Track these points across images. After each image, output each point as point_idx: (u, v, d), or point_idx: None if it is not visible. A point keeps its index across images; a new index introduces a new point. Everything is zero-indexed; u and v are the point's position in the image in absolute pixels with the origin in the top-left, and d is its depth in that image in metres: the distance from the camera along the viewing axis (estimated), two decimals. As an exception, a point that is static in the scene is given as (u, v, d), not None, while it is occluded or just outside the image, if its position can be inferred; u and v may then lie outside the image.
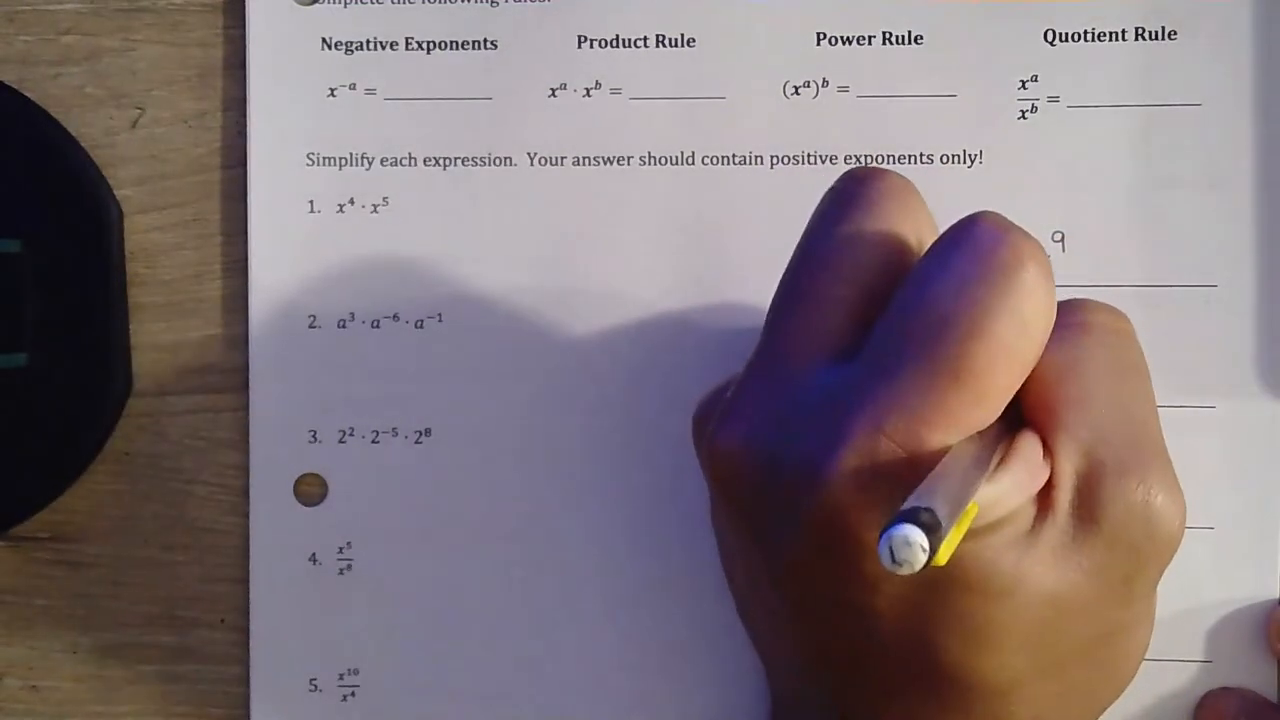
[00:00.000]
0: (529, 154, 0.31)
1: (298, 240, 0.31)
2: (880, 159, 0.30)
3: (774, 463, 0.23)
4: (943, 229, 0.30)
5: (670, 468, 0.30)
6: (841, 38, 0.30)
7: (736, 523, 0.25)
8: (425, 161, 0.31)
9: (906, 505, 0.18)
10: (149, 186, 0.31)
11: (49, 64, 0.31)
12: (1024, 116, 0.30)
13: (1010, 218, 0.30)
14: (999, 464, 0.22)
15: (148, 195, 0.31)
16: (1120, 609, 0.24)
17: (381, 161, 0.31)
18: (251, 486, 0.31)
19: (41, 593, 0.32)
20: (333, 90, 0.31)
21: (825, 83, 0.30)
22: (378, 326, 0.31)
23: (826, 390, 0.23)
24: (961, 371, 0.22)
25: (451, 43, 0.31)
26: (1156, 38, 0.30)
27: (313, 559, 0.31)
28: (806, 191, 0.30)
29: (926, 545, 0.18)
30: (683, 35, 0.30)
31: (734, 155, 0.30)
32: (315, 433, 0.31)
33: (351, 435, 0.31)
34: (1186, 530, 0.28)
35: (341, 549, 0.31)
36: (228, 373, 0.31)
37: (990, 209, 0.23)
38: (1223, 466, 0.30)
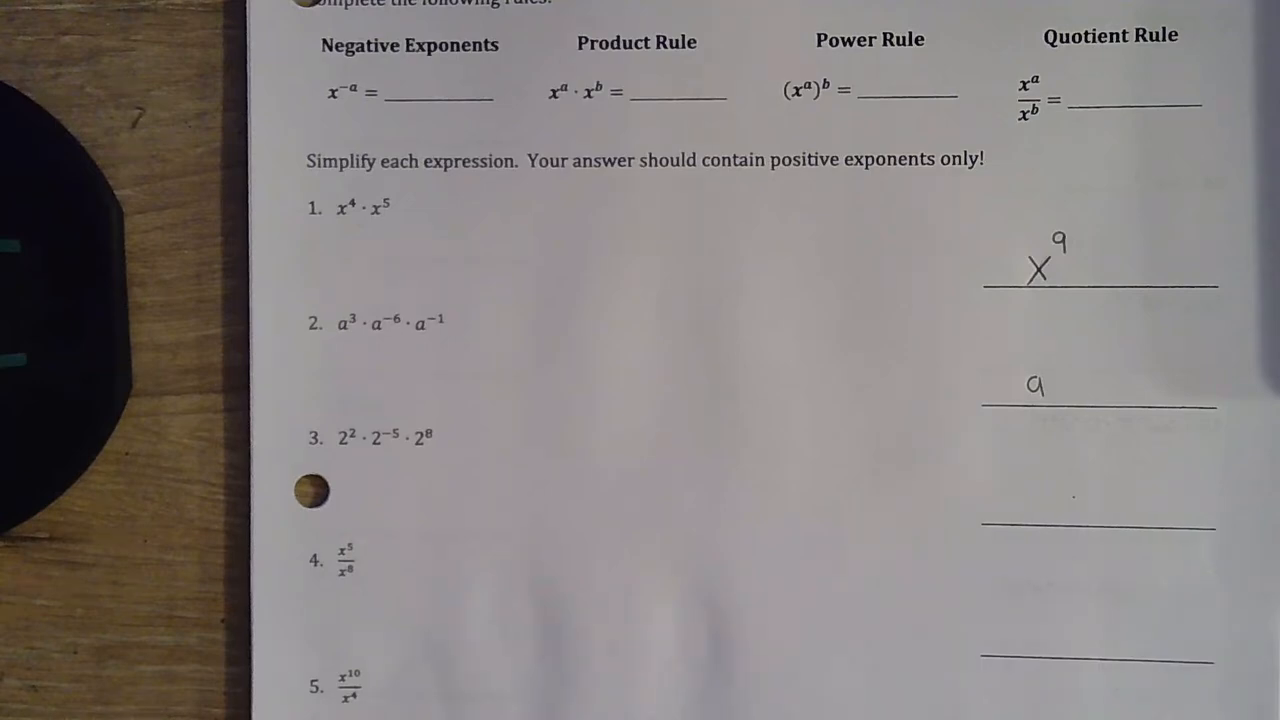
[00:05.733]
0: (530, 155, 0.31)
1: (298, 241, 0.31)
2: (881, 160, 0.30)
3: None
4: (941, 229, 0.30)
5: (671, 466, 0.30)
6: (842, 38, 0.30)
7: None
8: (426, 162, 0.31)
9: None
10: (149, 186, 0.31)
11: (49, 64, 0.31)
12: (1024, 117, 0.30)
13: (1010, 218, 0.30)
14: None
15: (148, 195, 0.31)
16: None
17: (382, 163, 0.31)
18: (252, 487, 0.31)
19: (41, 593, 0.32)
20: (333, 91, 0.31)
21: (826, 83, 0.30)
22: (378, 327, 0.31)
23: None
24: None
25: (452, 44, 0.31)
26: (1156, 38, 0.30)
27: (314, 560, 0.31)
28: (807, 192, 0.30)
29: None
30: (683, 36, 0.30)
31: (734, 156, 0.30)
32: (316, 434, 0.31)
33: (352, 436, 0.31)
34: (1187, 530, 0.28)
35: (343, 550, 0.31)
36: (228, 373, 0.31)
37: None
38: (1224, 467, 0.30)
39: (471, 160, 0.31)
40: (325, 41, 0.31)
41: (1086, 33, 0.30)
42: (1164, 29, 0.30)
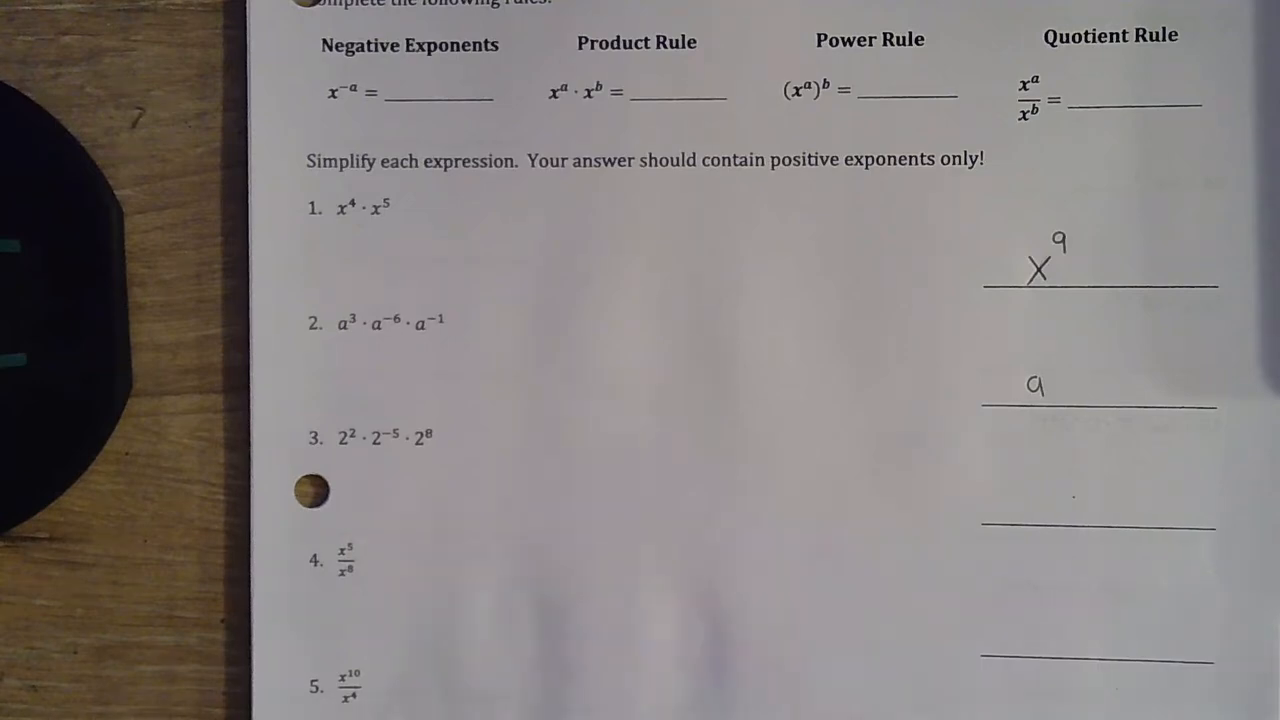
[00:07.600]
0: (530, 155, 0.31)
1: (298, 240, 0.31)
2: (881, 160, 0.30)
3: None
4: (941, 229, 0.30)
5: (671, 466, 0.30)
6: (842, 38, 0.30)
7: None
8: (426, 163, 0.31)
9: None
10: (149, 186, 0.31)
11: (49, 64, 0.31)
12: (1024, 117, 0.30)
13: (1010, 218, 0.30)
14: None
15: (148, 195, 0.31)
16: None
17: (382, 163, 0.31)
18: (252, 487, 0.31)
19: (41, 593, 0.32)
20: (333, 91, 0.31)
21: (826, 83, 0.30)
22: (378, 327, 0.31)
23: None
24: None
25: (452, 44, 0.31)
26: (1156, 38, 0.30)
27: (314, 560, 0.31)
28: (807, 192, 0.30)
29: None
30: (683, 36, 0.30)
31: (734, 156, 0.30)
32: (316, 434, 0.31)
33: (352, 436, 0.31)
34: (1187, 530, 0.28)
35: (343, 550, 0.31)
36: (228, 373, 0.31)
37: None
38: (1224, 467, 0.30)
39: (471, 160, 0.31)
40: (325, 41, 0.31)
41: (1086, 33, 0.30)
42: (1164, 29, 0.30)
